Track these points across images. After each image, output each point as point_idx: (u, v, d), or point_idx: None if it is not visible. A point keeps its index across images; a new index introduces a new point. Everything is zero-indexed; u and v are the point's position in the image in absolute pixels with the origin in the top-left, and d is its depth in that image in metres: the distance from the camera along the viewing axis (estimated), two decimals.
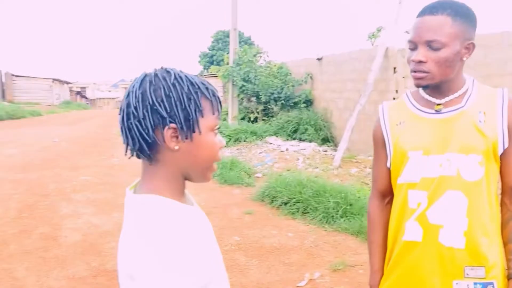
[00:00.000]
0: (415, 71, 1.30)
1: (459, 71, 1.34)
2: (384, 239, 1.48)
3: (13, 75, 30.95)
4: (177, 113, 0.87)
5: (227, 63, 13.30)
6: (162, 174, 0.92)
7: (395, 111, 1.45)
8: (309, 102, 11.82)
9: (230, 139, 10.79)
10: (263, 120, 12.51)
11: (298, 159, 8.78)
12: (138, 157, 0.92)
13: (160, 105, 0.87)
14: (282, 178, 5.96)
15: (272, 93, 11.96)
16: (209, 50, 44.09)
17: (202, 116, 0.91)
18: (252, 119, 12.68)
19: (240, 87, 12.54)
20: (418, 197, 1.33)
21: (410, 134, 1.37)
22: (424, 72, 1.29)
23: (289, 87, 11.83)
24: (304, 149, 9.83)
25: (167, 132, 0.87)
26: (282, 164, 8.23)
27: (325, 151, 9.69)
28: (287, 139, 10.93)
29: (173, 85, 0.88)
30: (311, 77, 11.80)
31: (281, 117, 11.64)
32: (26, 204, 5.42)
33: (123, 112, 0.89)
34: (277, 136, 11.12)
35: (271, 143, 10.59)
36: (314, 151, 9.57)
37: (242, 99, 13.16)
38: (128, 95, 0.89)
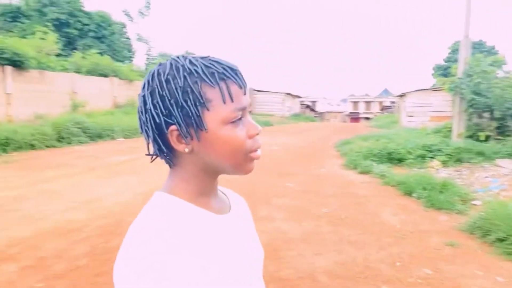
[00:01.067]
0: None
1: None
2: None
3: (254, 90, 35.37)
4: (174, 113, 0.75)
5: (455, 75, 11.95)
6: (180, 174, 0.82)
7: None
8: None
9: (450, 158, 9.61)
10: (496, 139, 10.71)
11: None
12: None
13: (156, 108, 0.75)
14: (504, 208, 4.89)
15: (510, 108, 10.12)
16: (445, 62, 41.03)
17: (208, 109, 0.75)
18: (482, 138, 10.99)
19: (469, 101, 11.07)
20: None
21: None
22: None
23: None
24: None
25: (171, 135, 0.76)
26: None
27: None
28: None
29: (167, 81, 0.75)
30: None
31: None
32: None
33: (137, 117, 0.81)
34: None
35: (502, 167, 8.95)
36: None
37: (471, 114, 11.58)
38: (138, 99, 0.81)
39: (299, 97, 43.59)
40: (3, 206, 5.54)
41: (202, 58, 0.78)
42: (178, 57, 0.78)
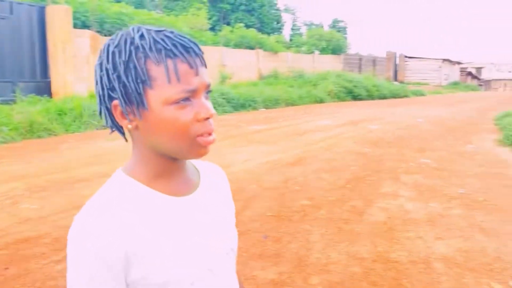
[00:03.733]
0: None
1: None
2: None
3: (405, 57, 33.05)
4: (117, 88, 0.73)
5: None
6: (135, 153, 0.81)
7: None
8: None
9: None
10: None
11: None
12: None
13: (101, 81, 0.75)
14: None
15: None
16: None
17: (151, 88, 0.72)
18: None
19: None
20: None
21: None
22: None
23: None
24: None
25: (115, 110, 0.75)
26: None
27: None
28: None
29: (113, 53, 0.73)
30: None
31: None
32: (356, 176, 5.76)
33: None
34: None
35: None
36: None
37: None
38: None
39: (459, 63, 39.29)
40: None
41: (157, 31, 0.74)
42: (132, 29, 0.74)
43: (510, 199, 4.92)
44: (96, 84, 0.76)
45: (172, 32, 0.74)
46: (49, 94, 11.22)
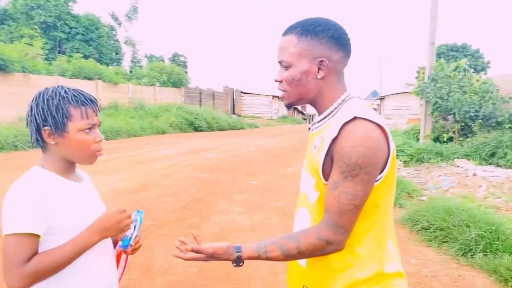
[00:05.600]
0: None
1: (326, 90, 1.29)
2: None
3: (242, 92, 35.89)
4: (48, 120, 1.27)
5: (422, 79, 12.56)
6: (49, 156, 1.33)
7: None
8: None
9: (411, 159, 10.21)
10: (459, 140, 11.32)
11: (481, 186, 7.72)
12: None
13: (37, 115, 1.28)
14: (432, 202, 5.47)
15: (468, 112, 10.74)
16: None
17: (71, 121, 1.28)
18: (444, 139, 11.61)
19: (434, 104, 11.69)
20: None
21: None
22: (281, 91, 1.33)
23: (489, 105, 10.42)
24: (497, 176, 8.55)
25: (44, 133, 1.29)
26: (459, 190, 7.42)
27: None
28: (481, 164, 9.67)
29: (47, 100, 1.28)
30: None
31: (477, 139, 10.36)
32: (194, 198, 6.48)
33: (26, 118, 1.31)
34: (468, 159, 9.94)
35: (458, 166, 9.56)
36: (508, 180, 8.22)
37: (437, 117, 12.20)
38: (28, 107, 1.31)
39: None
40: None
41: (74, 89, 1.31)
42: (58, 87, 1.30)
43: None
44: (31, 116, 1.28)
45: (82, 91, 1.31)
46: None
